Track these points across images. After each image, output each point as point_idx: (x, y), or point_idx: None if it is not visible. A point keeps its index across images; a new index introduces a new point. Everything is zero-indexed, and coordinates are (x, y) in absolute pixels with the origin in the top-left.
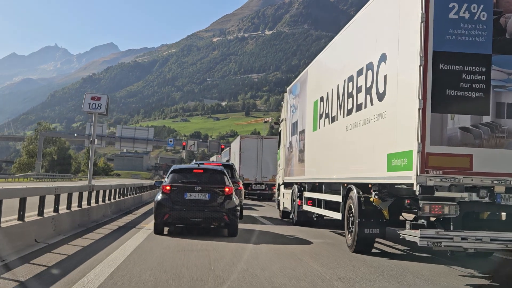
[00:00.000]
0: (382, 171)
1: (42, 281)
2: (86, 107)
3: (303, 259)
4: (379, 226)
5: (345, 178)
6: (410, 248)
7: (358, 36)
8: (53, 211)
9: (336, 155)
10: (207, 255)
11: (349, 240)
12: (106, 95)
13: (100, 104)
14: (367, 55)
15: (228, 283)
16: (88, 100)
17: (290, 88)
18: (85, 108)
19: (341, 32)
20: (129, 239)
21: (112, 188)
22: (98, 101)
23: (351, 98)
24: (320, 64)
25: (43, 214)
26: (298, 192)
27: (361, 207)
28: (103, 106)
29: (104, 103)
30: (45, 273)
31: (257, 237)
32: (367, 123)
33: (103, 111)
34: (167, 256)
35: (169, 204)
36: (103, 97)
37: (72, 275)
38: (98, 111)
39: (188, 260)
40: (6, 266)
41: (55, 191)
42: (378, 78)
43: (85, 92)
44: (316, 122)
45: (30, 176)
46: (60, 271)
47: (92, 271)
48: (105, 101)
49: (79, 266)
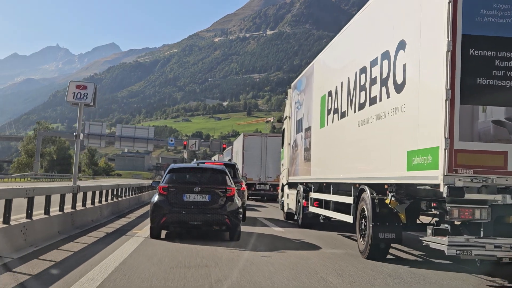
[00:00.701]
0: (401, 170)
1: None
2: (70, 97)
3: (326, 279)
4: (395, 231)
5: (356, 178)
6: (426, 253)
7: (371, 24)
8: (25, 217)
9: (346, 153)
10: (208, 273)
11: (361, 245)
12: (93, 83)
13: (86, 93)
14: (383, 44)
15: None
16: (73, 89)
17: (295, 83)
18: (69, 99)
19: (351, 22)
20: (115, 250)
21: (103, 189)
22: (84, 90)
23: (364, 91)
24: (328, 56)
25: (9, 221)
26: (304, 193)
27: (375, 210)
28: (89, 96)
29: (91, 92)
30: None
31: (263, 243)
32: (383, 118)
33: (90, 102)
34: (157, 277)
35: (166, 206)
36: (90, 86)
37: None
38: (84, 102)
39: (184, 283)
40: None
41: (26, 193)
42: (395, 68)
43: (70, 81)
44: (323, 118)
45: (28, 176)
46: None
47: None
48: (92, 90)
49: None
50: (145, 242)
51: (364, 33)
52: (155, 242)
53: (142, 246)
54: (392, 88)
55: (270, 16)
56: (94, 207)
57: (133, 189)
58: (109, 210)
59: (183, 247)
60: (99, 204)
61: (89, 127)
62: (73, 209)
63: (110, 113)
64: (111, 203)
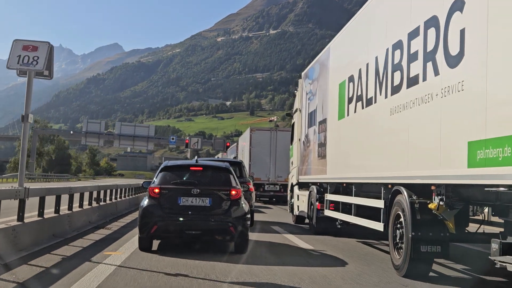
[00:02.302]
0: (459, 167)
1: None
2: (14, 62)
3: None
4: (441, 242)
5: (389, 177)
6: (470, 267)
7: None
8: None
9: (374, 147)
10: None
11: (396, 259)
12: (47, 43)
13: (37, 57)
14: (427, 8)
15: None
16: (18, 51)
17: (306, 72)
18: (13, 64)
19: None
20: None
21: (71, 192)
22: (34, 53)
23: (399, 70)
24: (347, 36)
25: None
26: (317, 194)
27: (416, 217)
28: (41, 61)
29: (43, 56)
30: None
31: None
32: (428, 101)
33: (41, 68)
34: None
35: (158, 212)
36: (42, 47)
37: None
38: (34, 69)
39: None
40: None
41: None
42: (447, 36)
43: (14, 39)
44: (343, 108)
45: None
46: None
47: None
48: (45, 52)
49: None
50: (117, 272)
51: (397, 1)
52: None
53: (112, 280)
54: (443, 63)
55: (273, 15)
56: (54, 218)
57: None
58: (81, 219)
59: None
60: (68, 212)
61: (87, 125)
62: (20, 221)
63: (113, 113)
64: (84, 211)
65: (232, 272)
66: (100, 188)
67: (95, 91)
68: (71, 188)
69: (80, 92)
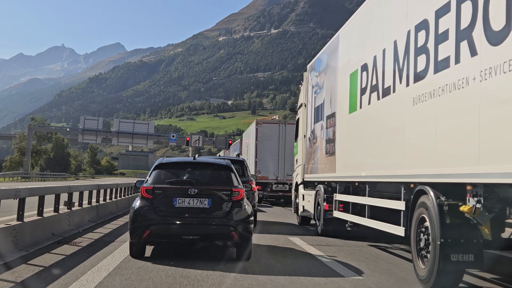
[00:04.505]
0: (502, 163)
1: None
2: None
3: None
4: (474, 251)
5: (412, 175)
6: (501, 277)
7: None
8: None
9: (392, 142)
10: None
11: (420, 269)
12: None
13: None
14: None
15: None
16: None
17: (312, 64)
18: None
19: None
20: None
21: (36, 194)
22: None
23: (424, 54)
24: (359, 23)
25: None
26: (325, 194)
27: (445, 221)
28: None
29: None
30: None
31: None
32: (463, 87)
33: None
34: None
35: (151, 215)
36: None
37: None
38: None
39: None
40: None
41: None
42: (488, 10)
43: None
44: (354, 100)
45: (17, 175)
46: None
47: None
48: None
49: None
50: None
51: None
52: None
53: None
54: (482, 40)
55: (274, 15)
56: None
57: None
58: (50, 228)
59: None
60: (34, 219)
61: (84, 122)
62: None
63: (115, 112)
64: (54, 216)
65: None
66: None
67: (97, 90)
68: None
69: (82, 91)
